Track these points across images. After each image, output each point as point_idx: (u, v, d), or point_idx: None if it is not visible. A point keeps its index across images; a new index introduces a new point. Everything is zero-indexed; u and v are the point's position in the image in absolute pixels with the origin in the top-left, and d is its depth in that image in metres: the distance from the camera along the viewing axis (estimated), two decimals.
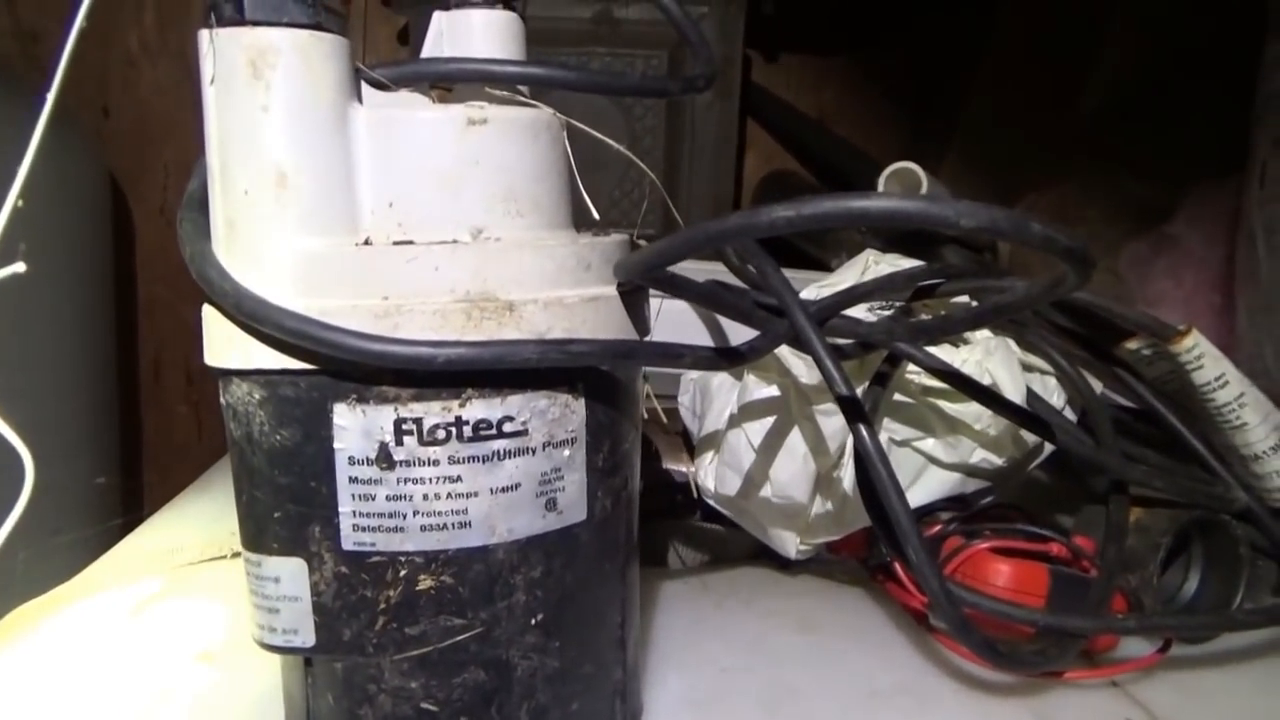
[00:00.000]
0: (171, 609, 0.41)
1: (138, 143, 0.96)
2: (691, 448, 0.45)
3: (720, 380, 0.43)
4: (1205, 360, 0.39)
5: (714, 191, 0.81)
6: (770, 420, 0.40)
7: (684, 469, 0.46)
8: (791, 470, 0.39)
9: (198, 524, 0.51)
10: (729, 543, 0.48)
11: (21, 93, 0.74)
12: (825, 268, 0.63)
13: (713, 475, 0.43)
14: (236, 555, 0.45)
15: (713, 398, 0.43)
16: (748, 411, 0.41)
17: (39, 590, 0.42)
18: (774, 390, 0.40)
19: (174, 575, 0.44)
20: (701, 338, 0.44)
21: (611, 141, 0.30)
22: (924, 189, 0.57)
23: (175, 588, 0.43)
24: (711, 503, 0.43)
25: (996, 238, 0.59)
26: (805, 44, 1.02)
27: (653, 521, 0.37)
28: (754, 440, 0.40)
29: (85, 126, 0.91)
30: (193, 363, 1.02)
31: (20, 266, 0.22)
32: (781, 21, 0.90)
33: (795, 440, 0.39)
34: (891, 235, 0.53)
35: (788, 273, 0.36)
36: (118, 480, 0.86)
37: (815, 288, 0.42)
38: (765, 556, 0.46)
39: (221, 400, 0.26)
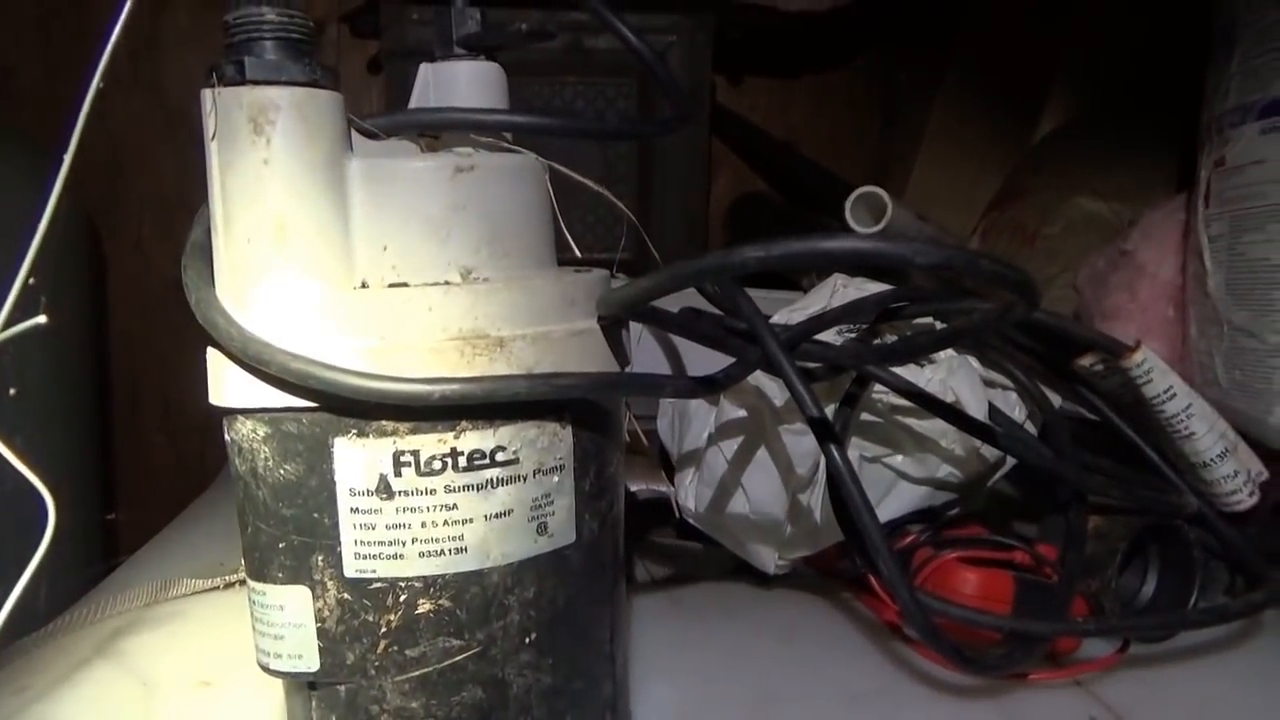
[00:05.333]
0: (166, 640, 0.42)
1: (111, 175, 0.96)
2: (669, 468, 0.47)
3: (697, 403, 0.45)
4: (1154, 374, 0.41)
5: (685, 213, 0.83)
6: (746, 440, 0.42)
7: (661, 488, 0.48)
8: (768, 488, 0.41)
9: (185, 557, 0.52)
10: (705, 560, 0.50)
11: None
12: (795, 285, 0.65)
13: (692, 494, 0.44)
14: (229, 586, 0.46)
15: (690, 420, 0.45)
16: (724, 432, 0.42)
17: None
18: (748, 412, 0.42)
19: (166, 608, 0.45)
20: (674, 358, 0.46)
21: (590, 183, 0.31)
22: (889, 212, 0.59)
23: (168, 619, 0.44)
24: (691, 520, 0.45)
25: (949, 274, 0.61)
26: (771, 67, 1.04)
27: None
28: (731, 460, 0.42)
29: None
30: (170, 393, 1.02)
31: (42, 319, 0.23)
32: (747, 46, 0.93)
33: (770, 459, 0.41)
34: None
35: (762, 292, 0.38)
36: (98, 514, 0.86)
37: (785, 312, 0.44)
38: (741, 572, 0.47)
39: (226, 438, 0.27)
